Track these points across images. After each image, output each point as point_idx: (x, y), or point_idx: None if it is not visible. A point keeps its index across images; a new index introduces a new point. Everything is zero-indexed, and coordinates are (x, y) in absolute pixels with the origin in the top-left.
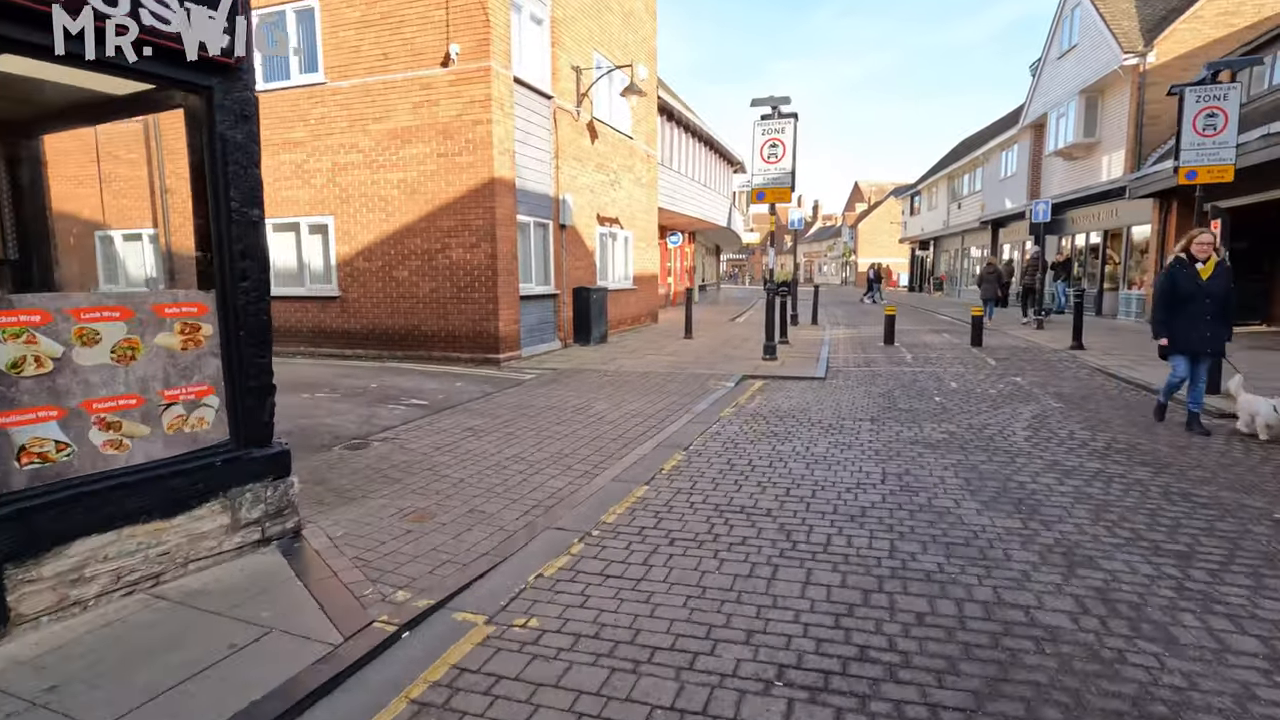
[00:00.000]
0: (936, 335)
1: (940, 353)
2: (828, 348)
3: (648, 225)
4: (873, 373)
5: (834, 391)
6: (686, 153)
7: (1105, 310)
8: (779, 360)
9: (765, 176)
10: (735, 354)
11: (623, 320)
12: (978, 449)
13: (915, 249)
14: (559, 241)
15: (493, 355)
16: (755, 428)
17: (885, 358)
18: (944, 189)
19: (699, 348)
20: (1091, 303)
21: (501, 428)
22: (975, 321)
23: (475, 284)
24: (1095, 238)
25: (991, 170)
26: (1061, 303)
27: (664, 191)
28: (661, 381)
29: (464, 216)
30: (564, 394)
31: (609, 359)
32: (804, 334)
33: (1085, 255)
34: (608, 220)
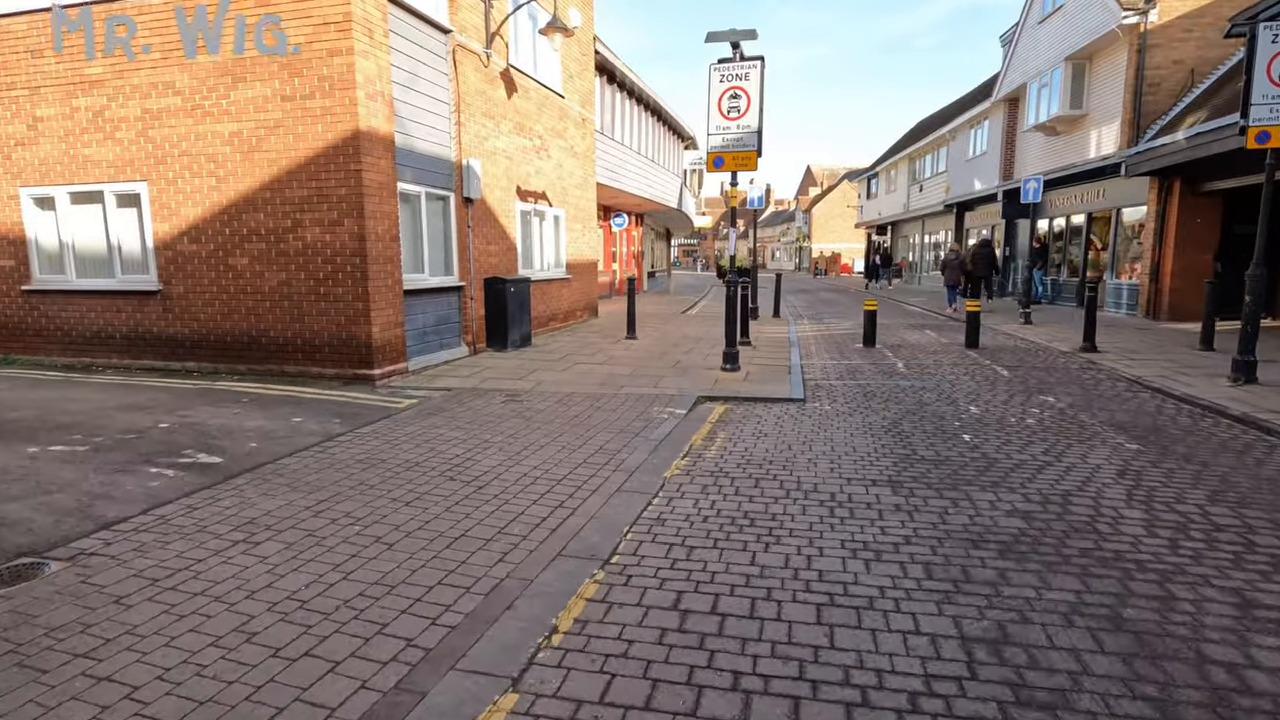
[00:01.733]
0: (919, 333)
1: (934, 357)
2: (798, 351)
3: (584, 203)
4: (863, 389)
5: (821, 423)
6: (632, 122)
7: None
8: (742, 371)
9: (725, 136)
10: (688, 360)
11: (554, 316)
12: (1094, 564)
13: (872, 234)
14: (463, 219)
15: (365, 370)
16: (718, 507)
17: (871, 365)
18: (904, 171)
19: (643, 352)
20: (1072, 293)
21: (309, 518)
22: (971, 319)
23: (339, 274)
24: (1078, 220)
25: (958, 149)
26: (1039, 292)
27: (605, 165)
28: (588, 409)
29: (321, 183)
30: (443, 436)
31: (526, 371)
32: (767, 331)
33: (1066, 240)
34: (532, 195)
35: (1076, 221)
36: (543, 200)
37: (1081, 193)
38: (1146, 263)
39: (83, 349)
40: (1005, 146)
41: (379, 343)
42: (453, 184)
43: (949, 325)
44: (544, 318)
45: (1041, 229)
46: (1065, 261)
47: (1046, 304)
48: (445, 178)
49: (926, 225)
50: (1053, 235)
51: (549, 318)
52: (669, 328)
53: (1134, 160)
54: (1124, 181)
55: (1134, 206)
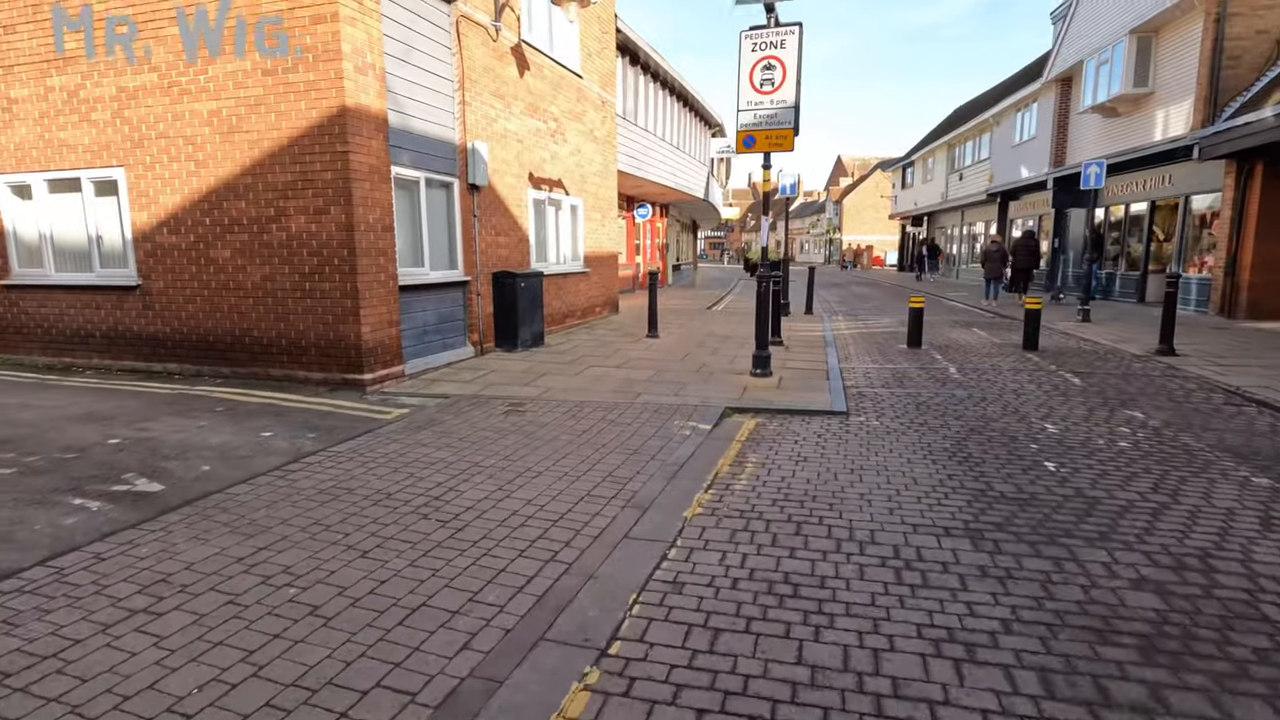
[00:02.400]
0: (967, 332)
1: (989, 361)
2: (835, 352)
3: (604, 192)
4: (914, 400)
5: (870, 444)
6: (656, 107)
7: (1151, 296)
8: (774, 377)
9: (757, 112)
10: (713, 363)
11: (570, 313)
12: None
13: (906, 225)
14: (469, 208)
15: (354, 375)
16: (751, 564)
17: (919, 370)
18: (942, 159)
19: (665, 352)
20: (1131, 288)
21: (238, 574)
22: (1029, 318)
23: (325, 268)
24: (1138, 209)
25: (1003, 135)
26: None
27: (627, 152)
28: (599, 423)
29: (305, 167)
30: (428, 457)
31: (535, 376)
32: (799, 328)
33: (1124, 231)
34: (546, 182)
35: (1137, 210)
36: (558, 188)
37: (1143, 179)
38: (1221, 255)
39: (63, 349)
40: (1057, 130)
41: (370, 344)
42: (457, 169)
43: (999, 323)
44: (559, 315)
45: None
46: (1123, 254)
47: (1101, 299)
48: (448, 162)
49: (966, 216)
50: (1108, 225)
51: (565, 314)
52: (694, 325)
53: (1210, 141)
54: (1195, 166)
55: (1206, 193)
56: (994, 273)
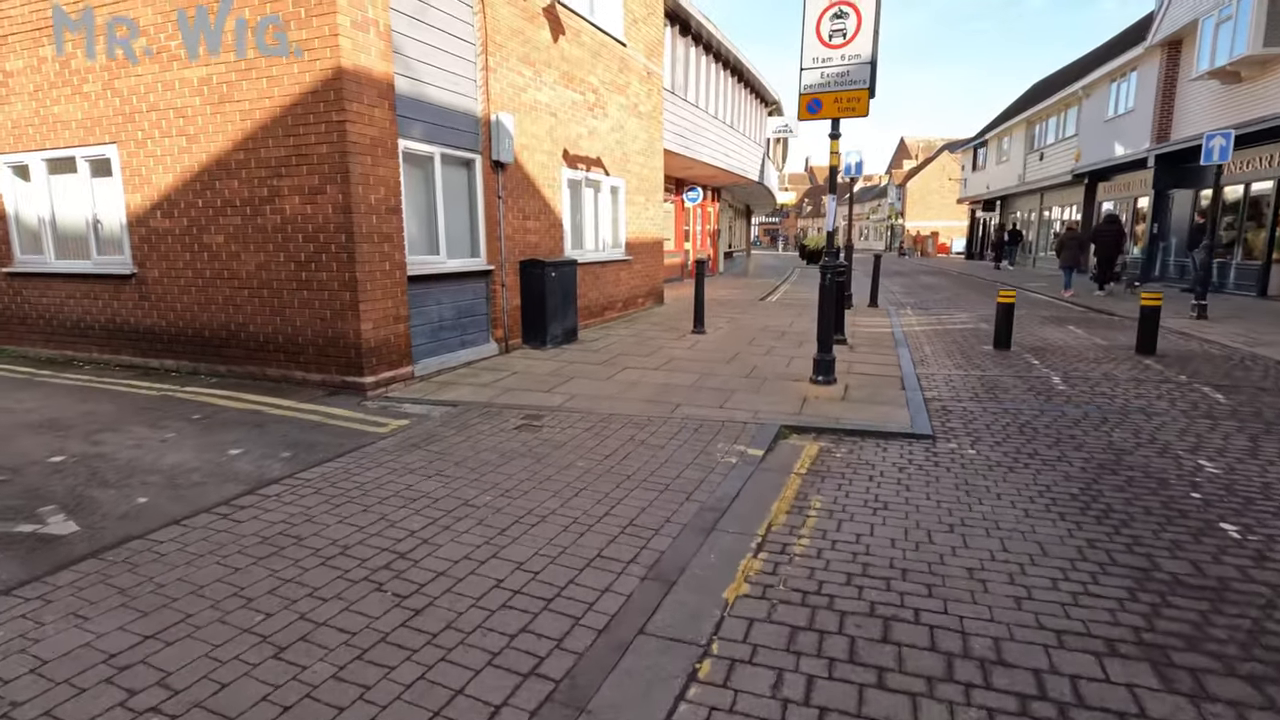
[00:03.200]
0: (1060, 329)
1: (1099, 369)
2: (908, 353)
3: (648, 172)
4: (1015, 420)
5: (969, 485)
6: (707, 81)
7: (1274, 290)
8: (839, 385)
9: (825, 70)
10: (766, 366)
11: (609, 304)
12: None
13: (976, 210)
14: (493, 189)
15: (353, 377)
16: (820, 696)
17: (1014, 378)
18: (1019, 138)
19: (711, 351)
20: (1251, 279)
21: (96, 683)
22: (1146, 315)
23: (321, 256)
24: (1261, 189)
25: (1093, 109)
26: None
27: (675, 130)
28: (626, 444)
29: (299, 140)
30: (412, 490)
31: (561, 379)
32: (864, 323)
33: (1242, 215)
34: (583, 161)
35: (1259, 191)
36: (597, 167)
37: (1270, 154)
38: None
39: (64, 341)
40: (1161, 101)
41: (371, 343)
42: (479, 144)
43: (1097, 319)
44: (597, 306)
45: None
46: (1239, 241)
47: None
48: (469, 136)
49: (1046, 199)
50: (1221, 208)
51: (604, 306)
52: (745, 318)
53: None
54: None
55: None
56: (1070, 260)
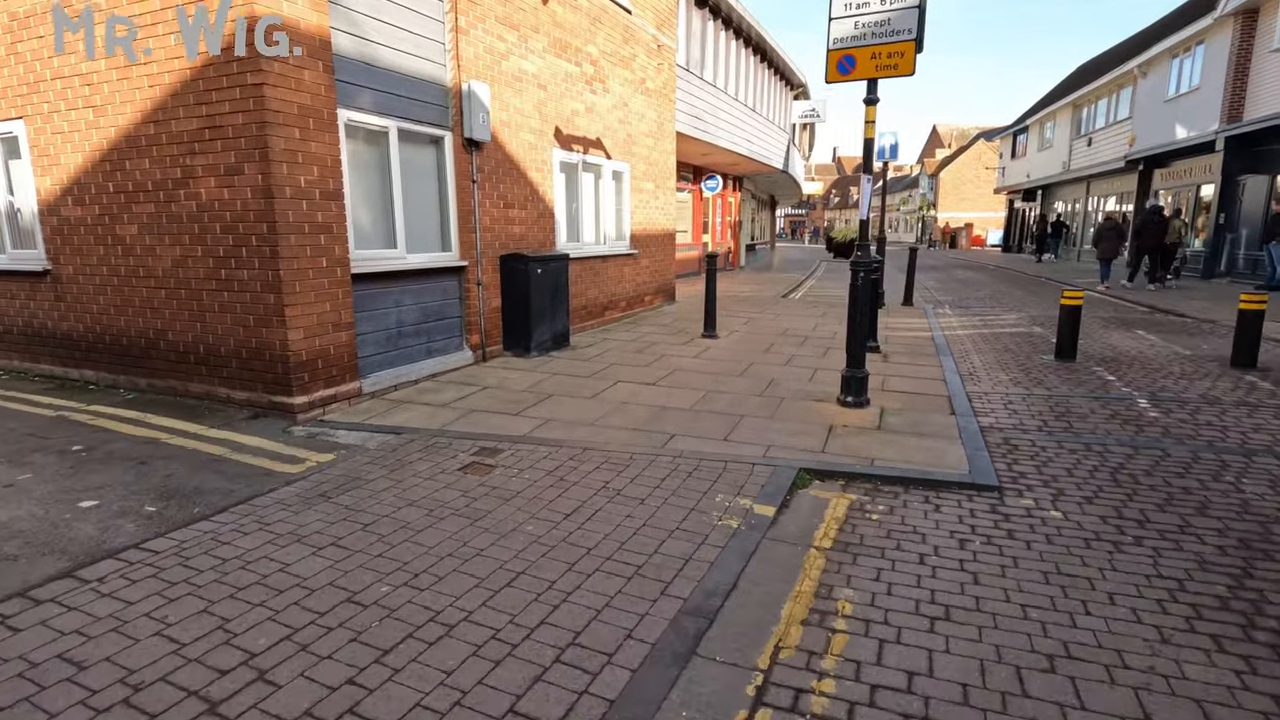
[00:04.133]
0: (1126, 334)
1: (1192, 387)
2: (953, 363)
3: (657, 156)
4: (1103, 462)
5: (1060, 571)
6: (727, 59)
7: None
8: (872, 408)
9: (859, 20)
10: (785, 380)
11: (611, 304)
12: None
13: (1015, 200)
14: (465, 171)
15: (281, 398)
16: None
17: (1088, 400)
18: (1064, 123)
19: (721, 361)
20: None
21: None
22: (1247, 321)
23: (242, 250)
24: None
25: (1151, 88)
26: (1276, 274)
27: (691, 111)
28: (596, 497)
29: (212, 109)
30: (287, 572)
31: (537, 397)
32: (899, 325)
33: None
34: (579, 141)
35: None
36: (596, 149)
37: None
38: None
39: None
40: (1233, 77)
41: (303, 355)
42: (448, 119)
43: (1165, 322)
44: (597, 306)
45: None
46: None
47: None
48: (436, 110)
49: (1093, 188)
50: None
51: (604, 306)
52: (764, 319)
53: None
54: None
55: None
56: (1108, 253)
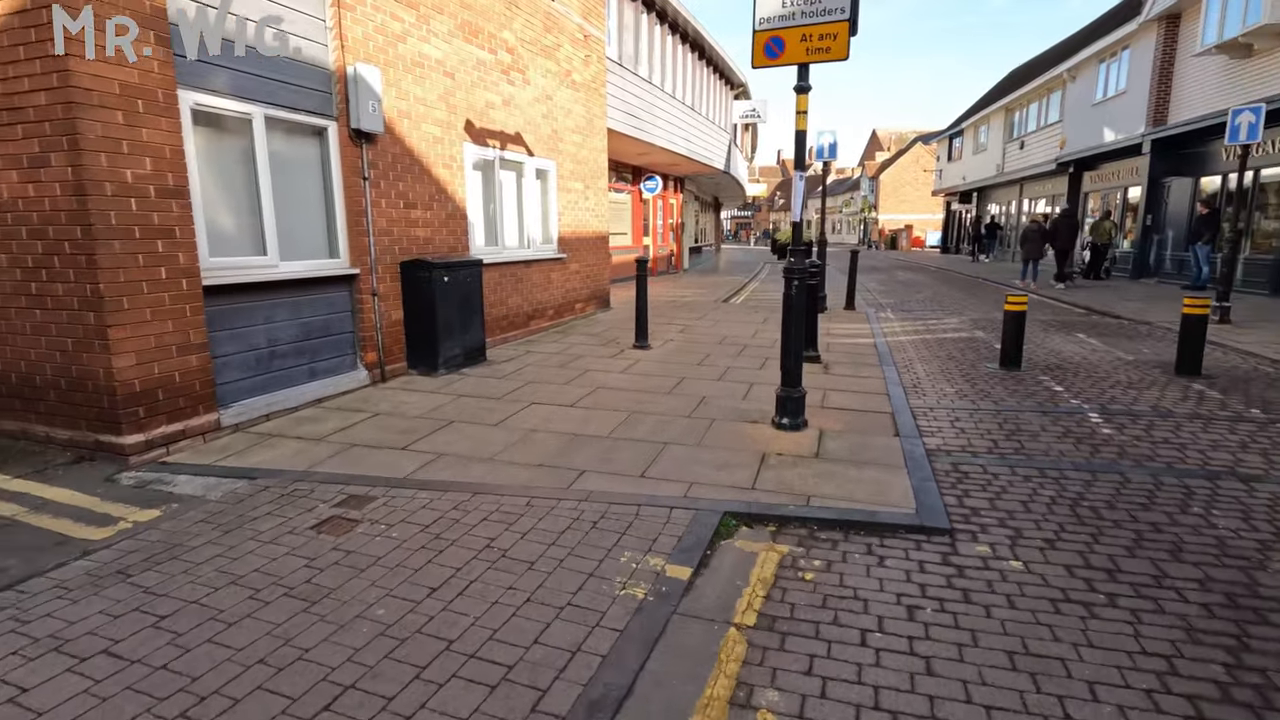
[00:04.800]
0: (1068, 338)
1: (1141, 397)
2: (896, 373)
3: (586, 154)
4: (1060, 490)
5: (1027, 648)
6: (664, 56)
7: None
8: (810, 430)
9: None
10: (718, 397)
11: (538, 312)
12: None
13: (952, 202)
14: (354, 166)
15: (110, 436)
16: None
17: (1039, 414)
18: (998, 126)
19: (650, 375)
20: (1264, 276)
21: None
22: (1191, 326)
23: (55, 259)
24: (1273, 174)
25: (1079, 92)
26: (1204, 274)
27: (625, 108)
28: (475, 557)
29: (9, 86)
30: (15, 701)
31: (434, 426)
32: (840, 331)
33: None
34: (495, 136)
35: (1270, 177)
36: (516, 145)
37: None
38: None
39: None
40: (1158, 81)
41: (135, 385)
42: (333, 107)
43: (1103, 325)
44: (521, 315)
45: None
46: (1248, 233)
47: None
48: (316, 96)
49: (1026, 190)
50: (1224, 198)
51: (529, 315)
52: (702, 326)
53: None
54: None
55: None
56: (1032, 253)
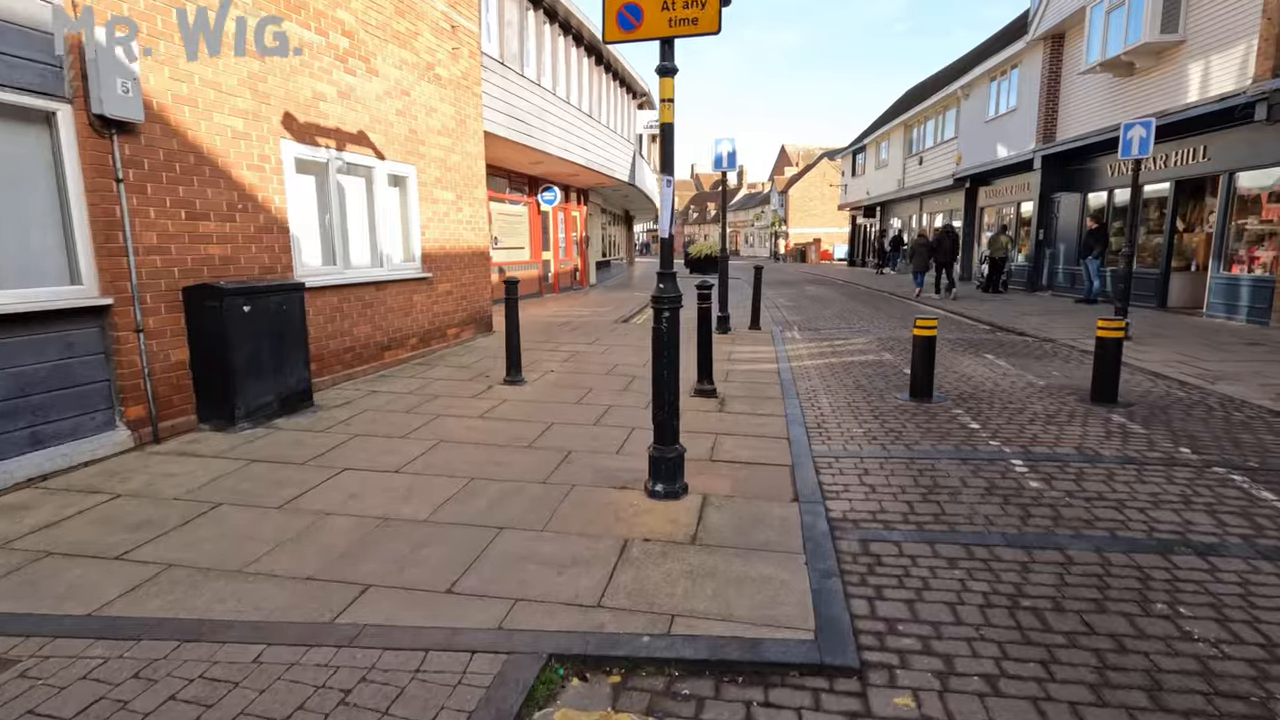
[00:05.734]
0: (977, 360)
1: (1063, 433)
2: (799, 408)
3: (458, 159)
4: (994, 581)
5: None
6: (559, 60)
7: (1174, 300)
8: (689, 500)
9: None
10: (587, 452)
11: (397, 341)
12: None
13: (857, 216)
14: (99, 164)
15: None
16: None
17: (956, 464)
18: (898, 142)
19: (514, 423)
20: (1150, 289)
21: None
22: (1106, 350)
23: None
24: (1155, 191)
25: (973, 110)
26: (1094, 288)
27: (512, 112)
28: None
29: None
30: None
31: (194, 511)
32: (744, 354)
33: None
34: (332, 135)
35: (1153, 193)
36: (359, 146)
37: (1164, 154)
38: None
39: None
40: (1045, 99)
41: None
42: (64, 84)
43: (1010, 343)
44: (372, 346)
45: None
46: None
47: (1105, 303)
48: (32, 69)
49: (926, 204)
50: (1111, 213)
51: (384, 345)
52: (592, 352)
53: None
54: (1250, 132)
55: (1261, 168)
56: (920, 266)
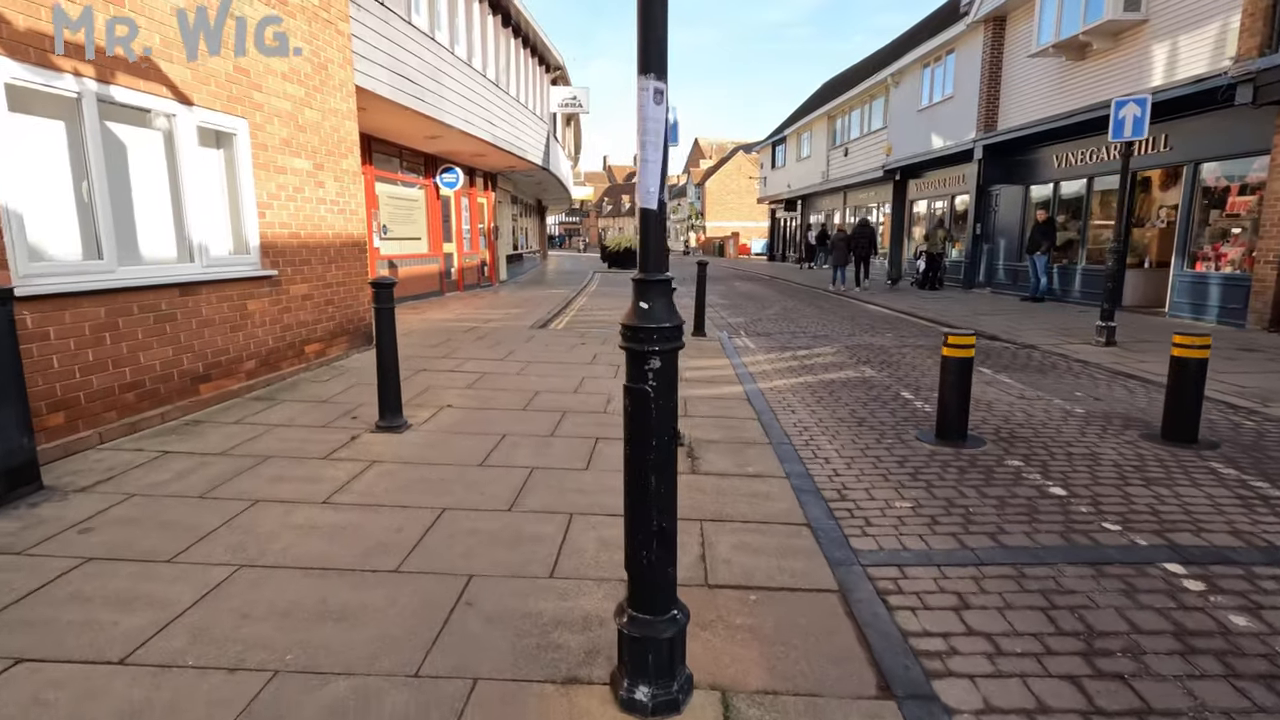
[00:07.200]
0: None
1: (1186, 500)
2: (797, 463)
3: (316, 117)
4: None
5: None
6: (457, 14)
7: (1131, 299)
8: (704, 705)
9: None
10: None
11: (223, 368)
12: None
13: (777, 210)
14: None
15: None
16: None
17: (1070, 559)
18: (821, 133)
19: (380, 512)
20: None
21: None
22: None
23: None
24: (1107, 184)
25: (904, 98)
26: (1042, 285)
27: (397, 68)
28: None
29: None
30: None
31: None
32: (695, 371)
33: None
34: (88, 58)
35: (1105, 186)
36: (144, 81)
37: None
38: (1274, 245)
39: None
40: (987, 85)
41: None
42: None
43: (998, 353)
44: (175, 379)
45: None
46: (1084, 243)
47: (1053, 301)
48: None
49: (851, 198)
50: (1056, 206)
51: (198, 376)
52: (506, 370)
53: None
54: (1220, 119)
55: (1230, 159)
56: (840, 260)
